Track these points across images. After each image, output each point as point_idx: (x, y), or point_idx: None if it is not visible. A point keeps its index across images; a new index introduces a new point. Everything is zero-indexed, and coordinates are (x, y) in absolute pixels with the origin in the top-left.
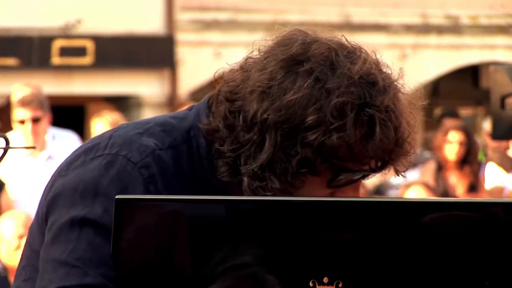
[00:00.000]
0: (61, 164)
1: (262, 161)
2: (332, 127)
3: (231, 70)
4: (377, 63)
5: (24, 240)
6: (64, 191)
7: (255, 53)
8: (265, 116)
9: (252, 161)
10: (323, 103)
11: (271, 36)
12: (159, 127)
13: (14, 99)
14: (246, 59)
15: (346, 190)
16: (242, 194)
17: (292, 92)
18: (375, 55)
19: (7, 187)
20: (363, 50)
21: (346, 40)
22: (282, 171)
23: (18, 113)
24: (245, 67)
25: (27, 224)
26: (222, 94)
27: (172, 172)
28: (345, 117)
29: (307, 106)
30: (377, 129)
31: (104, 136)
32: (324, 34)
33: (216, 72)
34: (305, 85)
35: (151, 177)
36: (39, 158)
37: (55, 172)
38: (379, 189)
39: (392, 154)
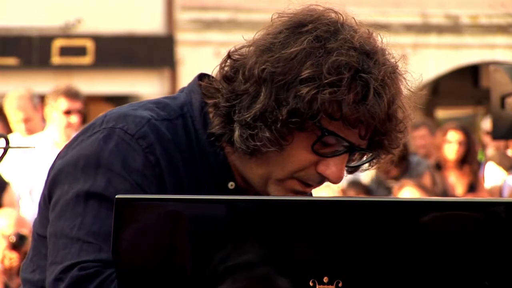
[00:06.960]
0: (61, 149)
1: (255, 111)
2: (326, 81)
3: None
4: (383, 47)
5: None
6: (65, 168)
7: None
8: (262, 67)
9: (245, 112)
10: (321, 60)
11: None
12: (153, 104)
13: (56, 90)
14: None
15: (329, 163)
16: (235, 151)
17: (292, 47)
18: (382, 41)
19: (11, 186)
20: (373, 32)
21: (355, 21)
22: (272, 120)
23: (63, 104)
24: (255, 37)
25: (19, 222)
26: (230, 54)
27: (169, 140)
28: (340, 75)
29: (304, 61)
30: (370, 96)
31: (99, 116)
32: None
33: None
34: (306, 41)
35: (149, 146)
36: None
37: (56, 157)
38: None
39: (382, 126)
